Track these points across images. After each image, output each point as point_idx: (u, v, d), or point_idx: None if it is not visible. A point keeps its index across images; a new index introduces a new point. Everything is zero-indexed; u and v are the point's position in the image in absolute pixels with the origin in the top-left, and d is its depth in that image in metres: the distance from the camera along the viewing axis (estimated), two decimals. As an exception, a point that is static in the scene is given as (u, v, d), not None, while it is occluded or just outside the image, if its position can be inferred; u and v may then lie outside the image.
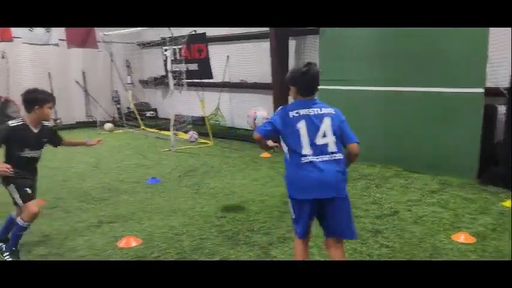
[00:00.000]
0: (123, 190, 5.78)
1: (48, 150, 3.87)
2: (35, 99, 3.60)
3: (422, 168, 6.37)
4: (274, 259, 3.63)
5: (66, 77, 12.31)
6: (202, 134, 9.62)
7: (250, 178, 6.31)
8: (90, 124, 12.19)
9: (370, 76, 6.95)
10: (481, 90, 5.81)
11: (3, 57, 10.37)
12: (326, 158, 2.78)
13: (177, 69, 8.84)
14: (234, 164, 7.27)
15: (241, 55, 10.63)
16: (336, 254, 2.97)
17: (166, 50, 9.73)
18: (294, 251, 3.05)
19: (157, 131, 10.69)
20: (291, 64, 9.60)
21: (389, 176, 6.28)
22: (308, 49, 9.38)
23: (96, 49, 12.41)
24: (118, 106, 13.11)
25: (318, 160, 2.77)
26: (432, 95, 6.29)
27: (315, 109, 2.87)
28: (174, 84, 8.74)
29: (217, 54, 10.82)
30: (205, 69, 9.19)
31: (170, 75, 8.38)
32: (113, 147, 8.95)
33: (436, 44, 6.17)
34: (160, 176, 6.46)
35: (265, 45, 9.83)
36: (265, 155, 7.87)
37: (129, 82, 13.40)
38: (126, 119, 11.85)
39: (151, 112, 13.28)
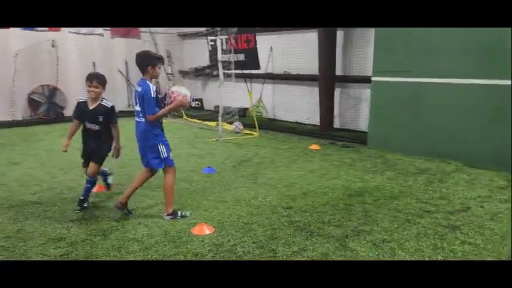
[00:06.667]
0: (181, 179, 5.79)
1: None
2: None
3: (484, 164, 6.15)
4: (355, 252, 3.56)
5: (110, 67, 12.45)
6: (245, 125, 9.60)
7: (305, 170, 6.24)
8: (132, 114, 12.31)
9: (429, 68, 6.74)
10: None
11: (53, 46, 10.57)
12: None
13: (225, 59, 8.80)
14: (286, 155, 7.21)
15: (286, 46, 10.51)
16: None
17: (212, 40, 9.73)
18: (171, 179, 4.35)
19: (200, 121, 10.72)
20: (339, 56, 9.46)
21: (450, 171, 6.10)
22: (356, 40, 9.20)
23: (139, 39, 12.59)
24: (159, 96, 13.22)
25: None
26: (494, 88, 6.03)
27: None
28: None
29: (261, 45, 10.74)
30: (252, 60, 9.15)
31: (220, 65, 8.35)
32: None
33: (500, 35, 5.90)
34: (215, 165, 6.46)
35: (310, 36, 9.69)
36: (314, 147, 7.78)
37: (170, 72, 13.51)
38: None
39: (197, 102, 13.24)
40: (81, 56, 11.75)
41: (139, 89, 4.21)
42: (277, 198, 4.97)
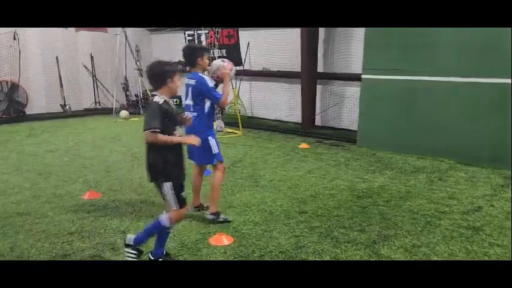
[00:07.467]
0: (177, 182, 5.42)
1: (72, 138, 3.50)
2: (165, 71, 3.17)
3: (478, 161, 6.22)
4: (389, 259, 3.40)
5: (75, 62, 11.71)
6: (225, 124, 9.29)
7: (303, 170, 6.04)
8: (99, 111, 11.61)
9: (421, 65, 6.74)
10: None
11: (14, 38, 9.71)
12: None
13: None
14: (277, 155, 6.98)
15: (266, 42, 10.26)
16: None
17: (190, 35, 9.32)
18: (220, 176, 4.24)
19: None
20: (320, 52, 9.36)
21: (445, 169, 6.13)
22: (338, 37, 9.12)
23: (106, 33, 11.89)
24: (127, 93, 12.57)
25: None
26: (488, 86, 6.12)
27: None
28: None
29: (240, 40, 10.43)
30: (234, 56, 8.84)
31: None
32: (138, 134, 8.51)
33: (494, 33, 5.97)
34: (208, 167, 6.12)
35: (290, 32, 9.49)
36: (304, 146, 7.62)
37: (139, 68, 12.87)
38: (142, 106, 11.35)
39: (176, 100, 12.55)
40: (44, 50, 10.92)
41: (192, 81, 4.04)
42: (286, 202, 4.74)
